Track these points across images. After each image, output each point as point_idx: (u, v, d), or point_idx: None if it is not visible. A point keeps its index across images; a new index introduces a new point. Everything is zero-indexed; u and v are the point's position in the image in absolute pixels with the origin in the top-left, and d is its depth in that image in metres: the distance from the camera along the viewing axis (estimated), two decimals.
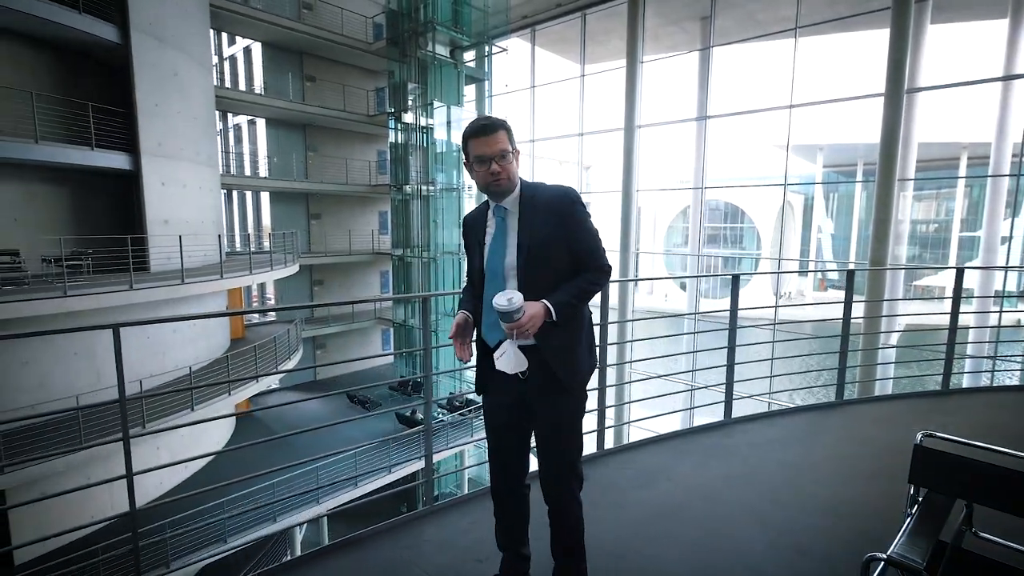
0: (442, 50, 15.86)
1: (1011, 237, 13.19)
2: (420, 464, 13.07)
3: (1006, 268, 12.81)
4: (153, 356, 10.73)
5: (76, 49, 10.35)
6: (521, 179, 1.80)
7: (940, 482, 1.52)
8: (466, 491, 15.66)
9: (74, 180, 10.64)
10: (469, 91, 17.46)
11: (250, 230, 18.50)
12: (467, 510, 2.63)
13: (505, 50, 16.24)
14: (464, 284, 2.00)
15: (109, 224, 11.04)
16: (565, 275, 1.75)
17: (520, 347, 1.67)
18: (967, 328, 13.25)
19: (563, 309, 1.68)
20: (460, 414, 13.85)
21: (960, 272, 4.08)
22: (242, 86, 16.84)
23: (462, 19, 15.96)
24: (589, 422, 3.42)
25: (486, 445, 1.98)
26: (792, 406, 3.85)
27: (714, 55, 14.88)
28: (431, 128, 15.81)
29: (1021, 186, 13.19)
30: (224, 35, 17.50)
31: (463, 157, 1.81)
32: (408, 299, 16.60)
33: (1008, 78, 10.84)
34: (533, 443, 1.93)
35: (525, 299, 1.62)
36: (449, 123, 16.26)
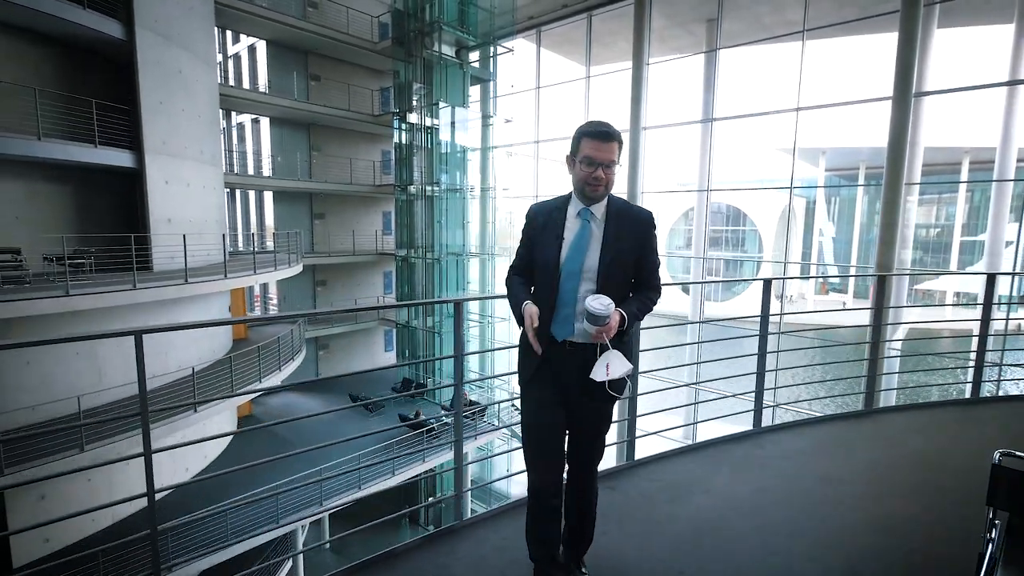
0: (448, 50, 15.78)
1: (1019, 241, 13.14)
2: (423, 467, 12.97)
3: None
4: (155, 356, 10.61)
5: (80, 46, 10.24)
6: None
7: None
8: (470, 498, 15.55)
9: (77, 178, 10.53)
10: (474, 91, 17.38)
11: (253, 230, 18.38)
12: (498, 526, 2.54)
13: (511, 50, 16.17)
14: (509, 274, 2.05)
15: (112, 223, 10.92)
16: (629, 287, 1.91)
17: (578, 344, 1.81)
18: (969, 335, 13.17)
19: (632, 320, 1.82)
20: (464, 417, 13.73)
21: (992, 277, 4.00)
22: (246, 84, 16.72)
23: (468, 19, 15.88)
24: (620, 432, 3.33)
25: (522, 448, 1.98)
26: (820, 415, 3.77)
27: (720, 58, 14.83)
28: (436, 128, 15.72)
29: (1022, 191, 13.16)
30: (228, 33, 17.38)
31: (570, 149, 1.90)
32: (440, 303, 16.40)
33: (1019, 82, 10.79)
34: None
35: None
36: (453, 124, 16.17)
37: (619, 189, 15.47)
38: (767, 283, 3.52)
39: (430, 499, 15.73)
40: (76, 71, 10.38)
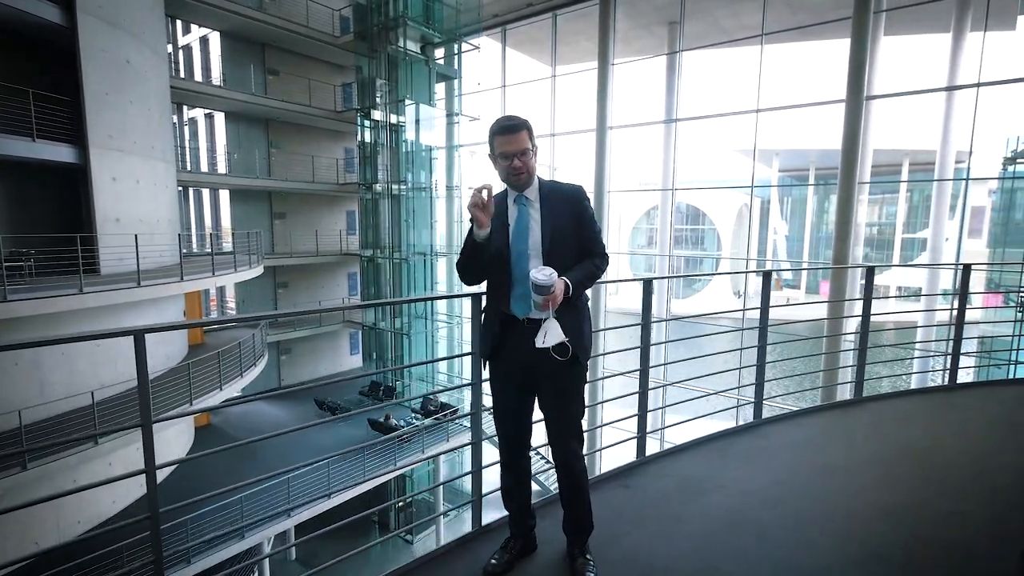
0: (412, 47, 15.47)
1: (960, 237, 14.03)
2: (395, 472, 12.66)
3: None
4: (105, 364, 9.92)
5: (16, 31, 9.47)
6: (537, 176, 2.06)
7: None
8: (442, 501, 15.29)
9: (13, 174, 9.73)
10: (439, 89, 17.12)
11: (207, 230, 17.50)
12: None
13: (477, 48, 16.02)
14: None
15: (54, 223, 10.16)
16: (575, 258, 2.02)
17: (536, 320, 1.91)
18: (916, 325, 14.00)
19: (576, 287, 1.94)
20: (436, 419, 13.51)
21: (967, 268, 4.18)
22: (198, 77, 15.90)
23: (433, 15, 15.62)
24: (629, 427, 3.27)
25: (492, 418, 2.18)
26: (814, 405, 3.84)
27: (682, 60, 15.15)
28: (402, 126, 15.39)
29: (958, 190, 14.12)
30: (179, 23, 16.51)
31: (488, 149, 2.04)
32: (457, 297, 15.78)
33: (969, 86, 11.43)
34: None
35: None
36: (418, 121, 15.87)
37: (587, 186, 15.63)
38: (766, 275, 3.55)
39: (414, 504, 15.38)
40: (11, 59, 9.59)
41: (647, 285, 2.97)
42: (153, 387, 9.76)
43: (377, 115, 15.45)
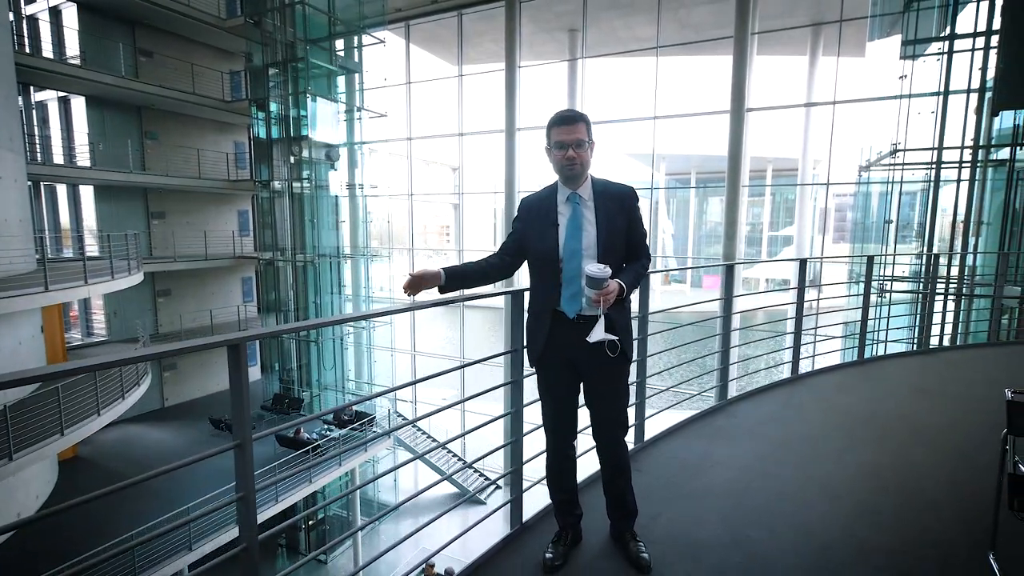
0: (312, 36, 14.51)
1: (824, 234, 16.24)
2: (307, 491, 11.84)
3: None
4: None
5: None
6: (590, 174, 2.07)
7: None
8: (359, 515, 14.52)
9: None
10: (340, 82, 16.27)
11: (64, 231, 14.98)
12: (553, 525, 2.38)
13: (383, 42, 15.45)
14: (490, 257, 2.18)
15: None
16: (624, 259, 2.05)
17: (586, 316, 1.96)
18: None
19: (630, 288, 1.98)
20: (352, 429, 12.82)
21: (870, 260, 4.85)
22: (48, 54, 13.54)
23: (333, 5, 14.78)
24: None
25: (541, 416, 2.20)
26: (762, 385, 4.22)
27: (584, 66, 15.85)
28: (303, 120, 14.36)
29: (813, 194, 16.36)
30: None
31: (545, 143, 2.05)
32: (500, 295, 14.46)
33: (827, 103, 13.11)
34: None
35: None
36: (314, 115, 14.92)
37: (487, 188, 15.67)
38: (728, 269, 3.83)
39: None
40: None
41: None
42: (12, 416, 8.18)
43: (274, 107, 14.30)
